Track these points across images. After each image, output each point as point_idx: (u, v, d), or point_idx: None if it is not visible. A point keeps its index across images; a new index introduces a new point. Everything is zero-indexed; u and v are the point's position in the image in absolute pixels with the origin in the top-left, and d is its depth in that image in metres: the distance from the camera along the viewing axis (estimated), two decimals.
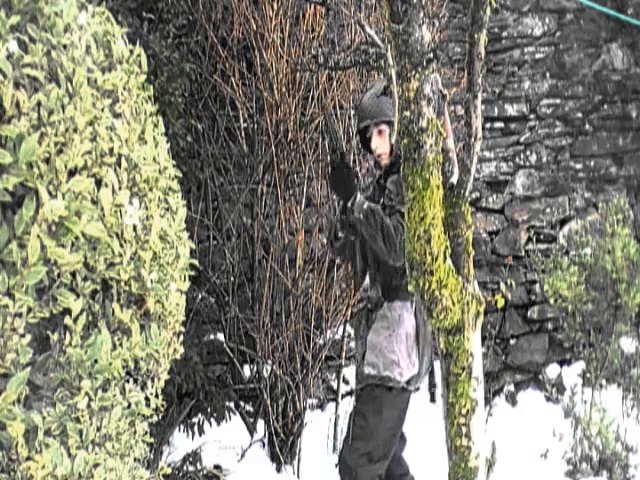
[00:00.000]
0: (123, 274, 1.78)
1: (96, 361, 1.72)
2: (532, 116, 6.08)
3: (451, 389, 2.35)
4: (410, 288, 2.29)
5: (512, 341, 5.96)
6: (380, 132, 3.36)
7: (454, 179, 2.30)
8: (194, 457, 4.39)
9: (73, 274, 1.71)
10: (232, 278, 4.79)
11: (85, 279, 1.73)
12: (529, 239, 6.01)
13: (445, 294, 2.25)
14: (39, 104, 1.64)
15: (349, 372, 5.41)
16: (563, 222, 6.12)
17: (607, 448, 4.58)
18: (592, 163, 6.20)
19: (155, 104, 2.07)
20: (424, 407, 5.41)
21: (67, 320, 1.69)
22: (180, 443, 4.61)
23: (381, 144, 3.37)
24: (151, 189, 1.89)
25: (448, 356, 2.35)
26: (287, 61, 4.57)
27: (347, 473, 3.37)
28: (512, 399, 5.87)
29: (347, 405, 5.10)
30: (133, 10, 4.01)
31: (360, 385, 3.40)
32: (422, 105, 2.09)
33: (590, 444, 4.64)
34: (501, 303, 5.37)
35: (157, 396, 1.96)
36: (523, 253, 5.99)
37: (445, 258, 2.23)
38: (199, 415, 4.47)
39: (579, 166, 6.18)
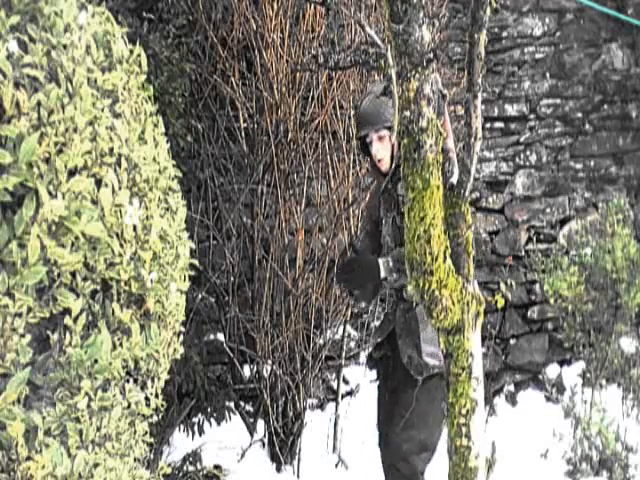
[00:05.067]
0: (123, 274, 1.78)
1: (96, 361, 1.72)
2: (532, 116, 6.08)
3: (451, 389, 2.35)
4: (410, 288, 2.29)
5: (512, 341, 5.96)
6: (380, 138, 3.33)
7: (454, 179, 2.30)
8: (194, 457, 4.39)
9: (73, 274, 1.71)
10: (232, 278, 4.79)
11: (85, 279, 1.73)
12: (529, 239, 6.00)
13: (445, 294, 2.25)
14: (39, 104, 1.64)
15: (349, 372, 5.41)
16: (563, 222, 6.11)
17: (607, 448, 4.58)
18: (592, 163, 6.20)
19: (155, 104, 2.07)
20: None
21: (67, 320, 1.69)
22: (180, 443, 4.60)
23: (382, 149, 3.34)
24: (151, 189, 1.89)
25: (448, 356, 2.35)
26: (287, 61, 4.57)
27: (403, 460, 3.29)
28: (512, 399, 5.87)
29: (347, 405, 5.11)
30: (133, 10, 4.00)
31: (422, 376, 3.31)
32: (422, 105, 2.09)
33: (590, 444, 4.64)
34: (501, 303, 5.36)
35: (157, 396, 1.96)
36: (523, 253, 5.98)
37: (445, 258, 2.23)
38: (199, 415, 4.47)
39: (579, 166, 6.18)
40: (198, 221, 4.66)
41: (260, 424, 4.92)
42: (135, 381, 1.90)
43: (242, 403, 4.96)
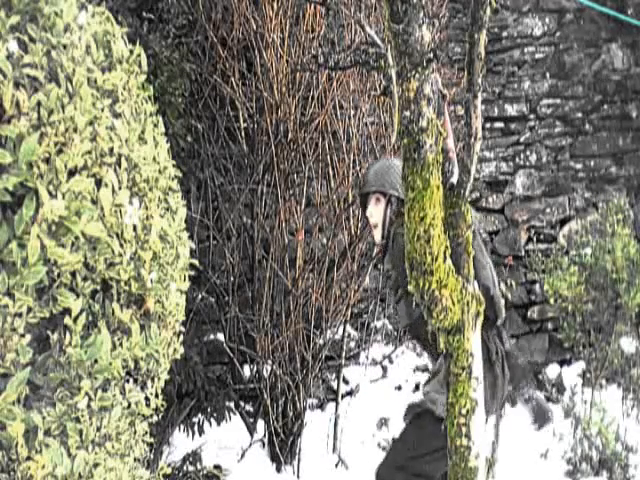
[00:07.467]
0: (123, 274, 1.78)
1: (96, 361, 1.72)
2: (532, 116, 6.08)
3: (451, 389, 2.35)
4: (410, 288, 2.29)
5: (512, 341, 5.96)
6: (377, 200, 3.28)
7: (454, 179, 2.30)
8: (194, 457, 4.39)
9: (73, 274, 1.70)
10: (232, 278, 4.79)
11: (85, 279, 1.73)
12: (529, 239, 6.01)
13: (445, 294, 2.25)
14: (39, 104, 1.64)
15: (349, 372, 5.41)
16: (563, 222, 6.12)
17: (607, 448, 4.58)
18: (592, 163, 6.21)
19: (155, 104, 2.07)
20: None
21: (67, 320, 1.69)
22: (180, 443, 4.61)
23: (375, 213, 3.29)
24: (151, 189, 1.89)
25: (448, 356, 2.35)
26: (287, 61, 4.57)
27: None
28: (512, 399, 5.87)
29: (347, 405, 5.11)
30: (133, 10, 4.00)
31: (408, 417, 3.24)
32: (422, 105, 2.08)
33: (590, 444, 4.64)
34: None
35: (157, 396, 1.96)
36: (523, 253, 5.99)
37: (445, 258, 2.23)
38: (199, 415, 4.47)
39: (579, 166, 6.18)
40: (198, 221, 4.66)
41: (260, 424, 4.92)
42: (135, 381, 1.90)
43: (242, 403, 4.96)
